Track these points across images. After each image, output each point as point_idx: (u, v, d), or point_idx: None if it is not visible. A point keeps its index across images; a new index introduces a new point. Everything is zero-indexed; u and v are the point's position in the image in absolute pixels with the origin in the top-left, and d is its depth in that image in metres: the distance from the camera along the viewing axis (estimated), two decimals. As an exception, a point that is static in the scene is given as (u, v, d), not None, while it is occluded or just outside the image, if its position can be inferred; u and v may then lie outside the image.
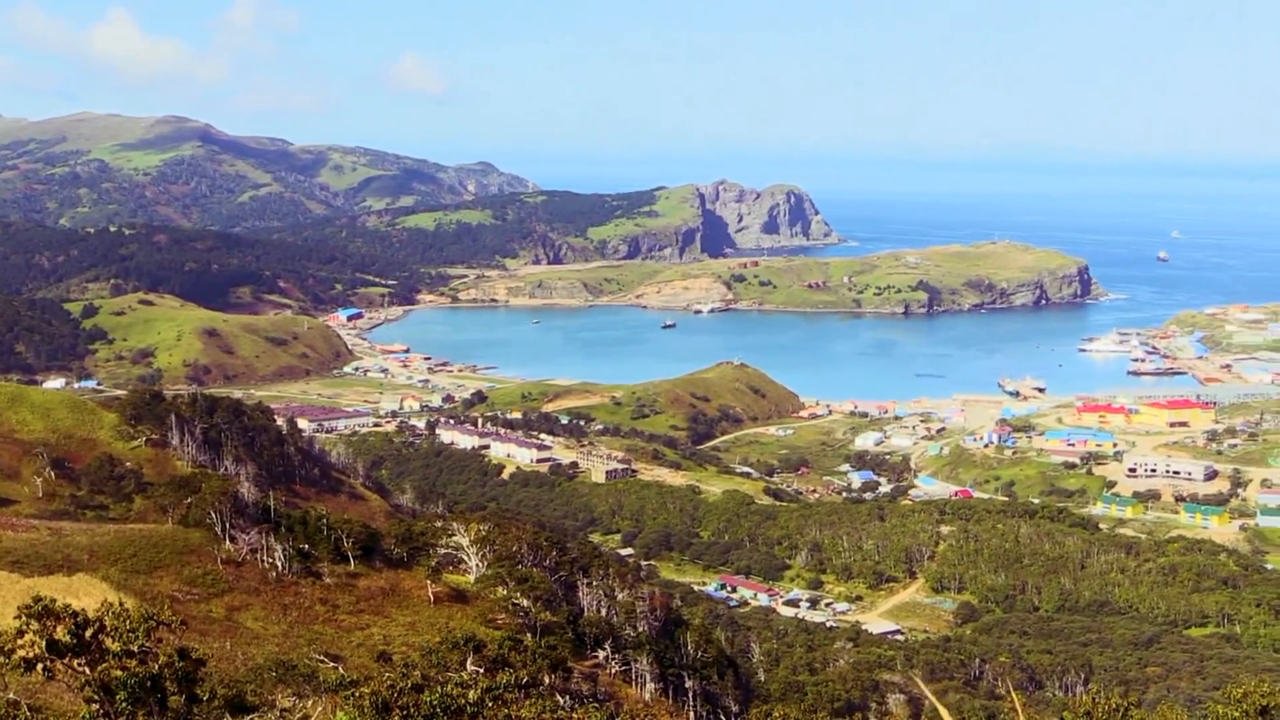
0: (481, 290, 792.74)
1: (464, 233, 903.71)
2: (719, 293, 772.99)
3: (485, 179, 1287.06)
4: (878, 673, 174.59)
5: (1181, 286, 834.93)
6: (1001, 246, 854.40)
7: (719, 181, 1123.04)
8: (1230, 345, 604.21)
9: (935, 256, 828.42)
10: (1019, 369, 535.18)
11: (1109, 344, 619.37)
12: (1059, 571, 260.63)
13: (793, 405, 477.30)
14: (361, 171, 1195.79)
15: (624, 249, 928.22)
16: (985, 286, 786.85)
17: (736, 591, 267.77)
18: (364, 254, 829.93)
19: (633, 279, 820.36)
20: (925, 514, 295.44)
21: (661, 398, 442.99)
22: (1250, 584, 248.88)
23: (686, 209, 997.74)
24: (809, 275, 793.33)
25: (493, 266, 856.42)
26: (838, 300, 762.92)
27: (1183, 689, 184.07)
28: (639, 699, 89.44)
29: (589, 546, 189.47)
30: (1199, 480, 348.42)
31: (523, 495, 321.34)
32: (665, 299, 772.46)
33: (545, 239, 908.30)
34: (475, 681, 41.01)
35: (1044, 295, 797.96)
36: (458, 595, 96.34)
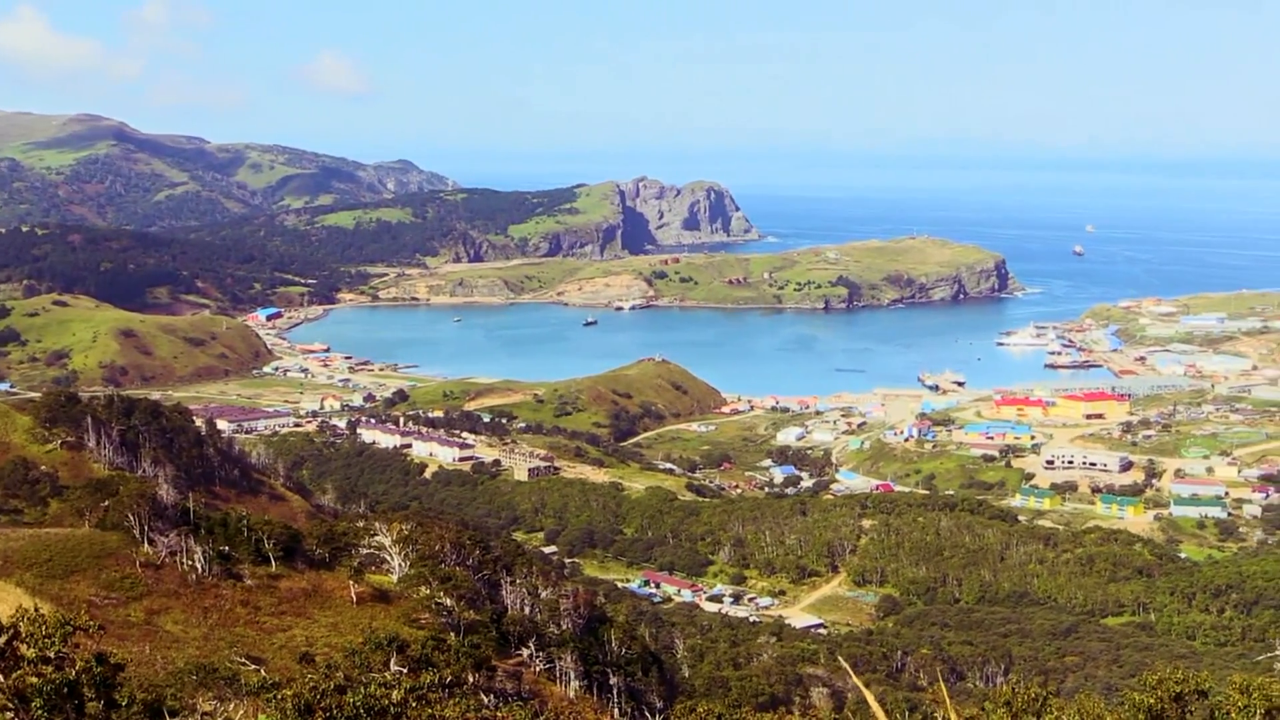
0: (402, 289, 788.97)
1: (384, 231, 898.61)
2: (640, 290, 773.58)
3: (405, 177, 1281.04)
4: (801, 667, 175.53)
5: (1096, 280, 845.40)
6: (920, 241, 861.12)
7: (639, 178, 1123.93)
8: (1144, 338, 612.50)
9: (855, 252, 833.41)
10: (938, 363, 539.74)
11: (1026, 338, 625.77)
12: (979, 563, 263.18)
13: (714, 401, 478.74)
14: (280, 170, 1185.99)
15: (545, 246, 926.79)
16: (904, 281, 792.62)
17: (660, 588, 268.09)
18: (283, 253, 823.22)
19: (554, 276, 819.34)
20: (847, 508, 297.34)
21: (584, 395, 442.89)
22: (1164, 573, 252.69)
23: (607, 206, 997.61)
24: (730, 271, 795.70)
25: (413, 265, 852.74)
26: (759, 296, 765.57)
27: (1100, 677, 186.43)
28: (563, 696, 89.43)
29: (512, 545, 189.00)
30: (1115, 471, 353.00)
31: (445, 494, 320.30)
32: (587, 296, 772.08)
33: (466, 237, 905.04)
34: (398, 682, 40.84)
35: (962, 290, 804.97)
36: (380, 595, 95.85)
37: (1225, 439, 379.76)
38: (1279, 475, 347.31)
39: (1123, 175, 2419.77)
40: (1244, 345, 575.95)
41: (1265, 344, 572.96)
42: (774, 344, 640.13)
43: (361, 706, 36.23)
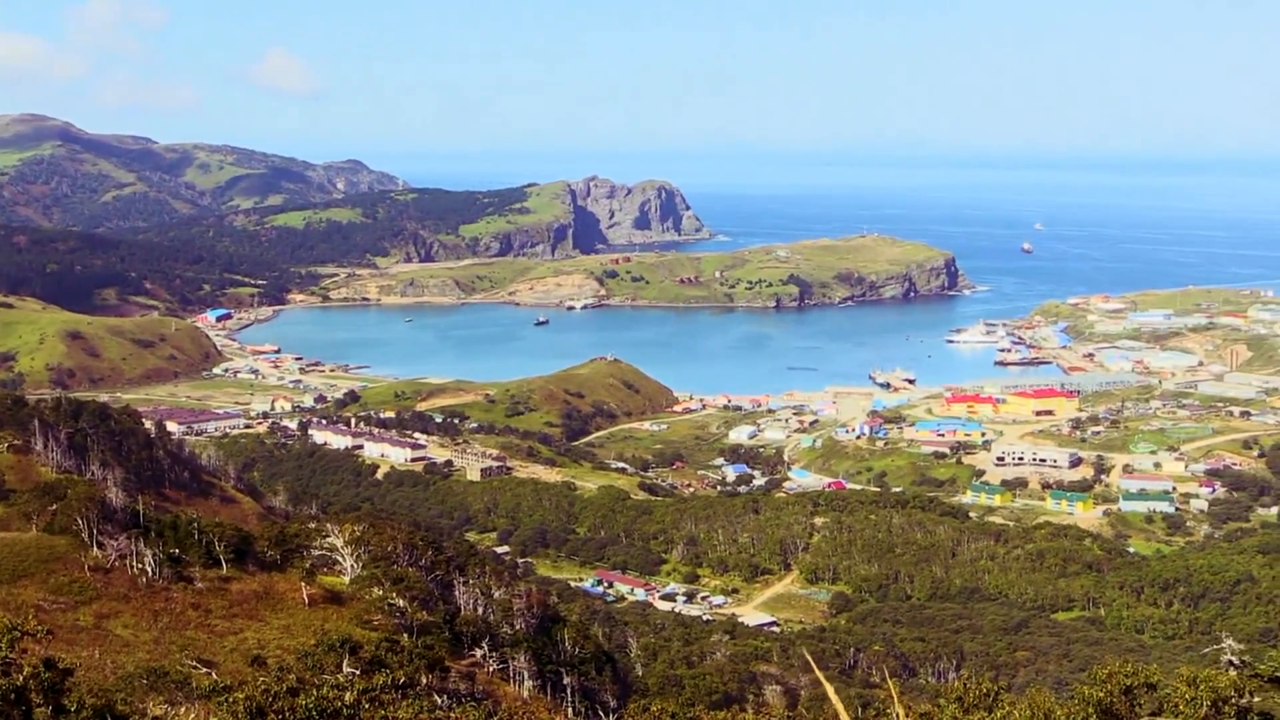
0: (353, 289, 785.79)
1: (334, 231, 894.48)
2: (591, 289, 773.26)
3: (355, 177, 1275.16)
4: (754, 665, 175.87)
5: (1045, 277, 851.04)
6: (870, 240, 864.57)
7: (590, 178, 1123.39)
8: (1093, 335, 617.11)
9: (805, 250, 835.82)
10: (889, 361, 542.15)
11: (976, 335, 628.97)
12: (930, 560, 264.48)
13: (666, 400, 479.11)
14: (229, 170, 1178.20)
15: (496, 246, 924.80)
16: (855, 279, 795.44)
17: (613, 587, 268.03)
18: (232, 254, 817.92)
19: (505, 276, 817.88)
20: (799, 506, 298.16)
21: (536, 395, 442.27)
22: (1114, 568, 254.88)
23: (558, 205, 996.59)
24: (681, 270, 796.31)
25: (364, 265, 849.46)
26: (710, 295, 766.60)
27: (1051, 672, 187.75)
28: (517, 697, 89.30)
29: (465, 545, 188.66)
30: (1064, 467, 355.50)
31: (397, 495, 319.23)
32: (538, 296, 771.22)
33: (416, 237, 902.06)
34: (351, 683, 40.73)
35: (912, 287, 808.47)
36: (333, 597, 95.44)
37: (1172, 434, 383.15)
38: (1225, 470, 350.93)
39: (1071, 173, 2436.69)
40: (1190, 341, 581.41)
41: (1211, 340, 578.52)
42: (725, 343, 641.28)
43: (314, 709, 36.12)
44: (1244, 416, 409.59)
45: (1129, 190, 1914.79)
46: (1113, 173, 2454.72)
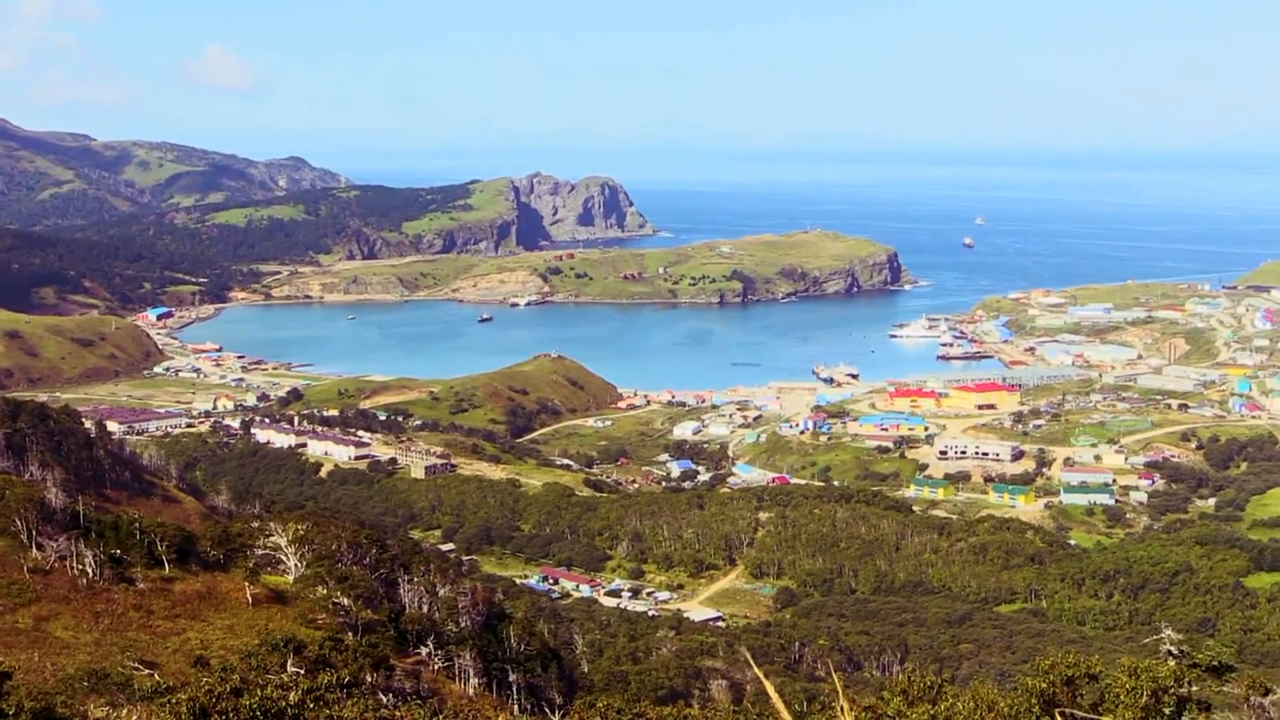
0: (295, 287, 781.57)
1: (276, 229, 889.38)
2: (535, 285, 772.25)
3: (297, 174, 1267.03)
4: (700, 660, 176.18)
5: (986, 272, 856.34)
6: (813, 235, 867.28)
7: (533, 174, 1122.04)
8: (1033, 329, 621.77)
9: (749, 246, 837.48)
10: (833, 356, 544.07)
11: (919, 329, 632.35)
12: (875, 554, 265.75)
13: (611, 396, 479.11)
14: (169, 167, 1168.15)
15: (439, 243, 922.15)
16: (798, 275, 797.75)
17: (559, 583, 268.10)
18: (173, 251, 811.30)
19: (448, 273, 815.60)
20: (744, 501, 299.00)
21: (480, 392, 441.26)
22: (1055, 560, 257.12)
23: (501, 202, 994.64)
24: (625, 266, 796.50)
25: (306, 263, 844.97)
26: (654, 291, 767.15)
27: (994, 664, 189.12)
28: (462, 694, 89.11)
29: (409, 543, 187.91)
30: (1006, 461, 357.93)
31: (341, 493, 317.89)
32: (482, 293, 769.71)
33: (359, 234, 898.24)
34: (296, 683, 40.55)
35: (855, 283, 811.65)
36: (277, 596, 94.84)
37: (1112, 427, 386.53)
38: (1164, 462, 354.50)
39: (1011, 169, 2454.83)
40: (1130, 335, 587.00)
41: (1150, 333, 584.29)
42: (669, 339, 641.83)
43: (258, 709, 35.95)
44: (1182, 409, 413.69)
45: (1069, 185, 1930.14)
46: (1053, 168, 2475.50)
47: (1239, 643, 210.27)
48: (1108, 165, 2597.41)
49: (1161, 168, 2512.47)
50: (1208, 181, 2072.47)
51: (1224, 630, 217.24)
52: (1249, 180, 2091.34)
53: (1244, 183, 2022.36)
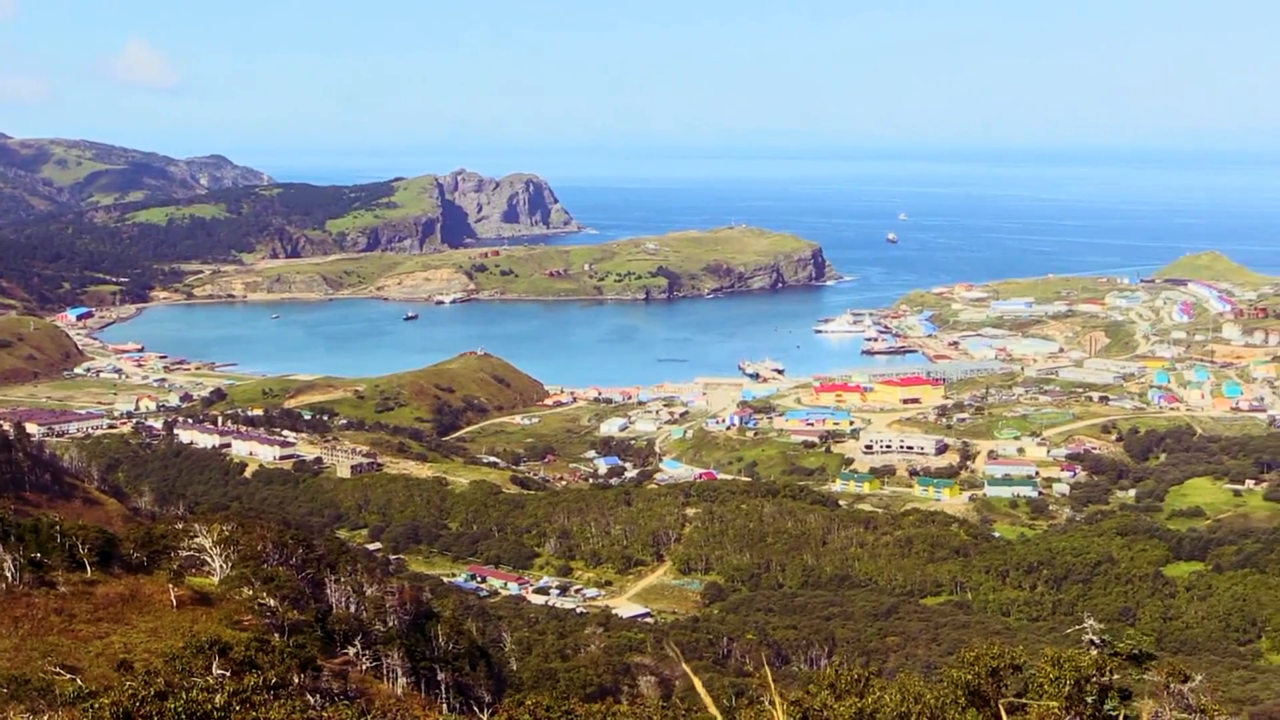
0: (218, 286, 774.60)
1: (198, 227, 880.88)
2: (460, 283, 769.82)
3: (219, 172, 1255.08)
4: (629, 656, 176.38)
5: (910, 267, 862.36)
6: (738, 231, 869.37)
7: (457, 171, 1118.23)
8: (957, 323, 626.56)
9: (674, 242, 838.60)
10: (758, 351, 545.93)
11: (843, 324, 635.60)
12: (802, 548, 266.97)
13: (537, 394, 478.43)
14: (88, 166, 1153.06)
15: (363, 241, 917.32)
16: (724, 271, 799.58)
17: (486, 582, 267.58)
18: (93, 251, 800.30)
19: (373, 271, 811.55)
20: (671, 497, 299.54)
21: (406, 390, 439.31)
22: (979, 552, 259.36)
23: (425, 200, 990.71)
24: (550, 263, 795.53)
25: (229, 261, 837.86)
26: (579, 288, 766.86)
27: (920, 656, 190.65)
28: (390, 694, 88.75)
29: (336, 542, 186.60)
30: (931, 454, 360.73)
31: (267, 493, 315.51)
32: (407, 291, 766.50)
33: (283, 232, 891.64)
34: (222, 685, 40.24)
35: (780, 278, 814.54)
36: (202, 598, 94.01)
37: (1035, 420, 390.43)
38: (1085, 454, 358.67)
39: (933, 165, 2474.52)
40: (1051, 329, 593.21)
41: (1071, 327, 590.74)
42: (596, 335, 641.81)
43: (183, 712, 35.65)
44: (1103, 401, 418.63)
45: (991, 181, 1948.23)
46: (976, 163, 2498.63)
47: (1159, 631, 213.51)
48: (1029, 161, 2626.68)
49: (1082, 163, 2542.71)
50: (1127, 177, 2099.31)
51: (1144, 619, 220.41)
52: (1168, 176, 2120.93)
53: (1163, 178, 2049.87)
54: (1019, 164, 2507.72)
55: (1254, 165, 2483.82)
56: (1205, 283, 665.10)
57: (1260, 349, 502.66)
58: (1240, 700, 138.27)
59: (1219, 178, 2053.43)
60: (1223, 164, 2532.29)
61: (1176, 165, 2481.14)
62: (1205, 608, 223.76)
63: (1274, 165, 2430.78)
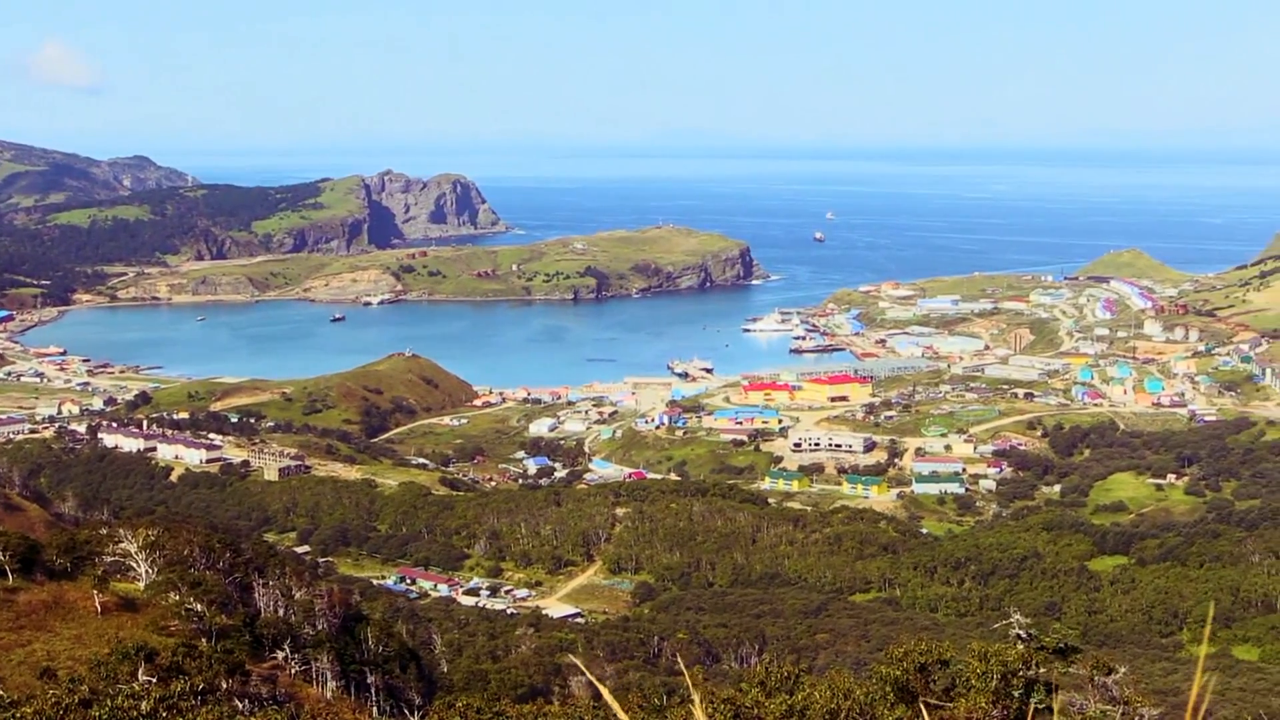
0: (142, 288, 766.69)
1: (121, 229, 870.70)
2: (388, 284, 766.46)
3: (142, 173, 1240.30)
4: (559, 657, 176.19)
5: (837, 266, 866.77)
6: (666, 231, 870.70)
7: (384, 172, 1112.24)
8: (884, 321, 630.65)
9: (602, 242, 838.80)
10: (687, 351, 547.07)
11: (771, 323, 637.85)
12: (731, 547, 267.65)
13: (466, 395, 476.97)
14: (6, 167, 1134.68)
15: (290, 242, 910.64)
16: (652, 270, 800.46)
17: (416, 583, 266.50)
18: (13, 253, 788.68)
19: (300, 273, 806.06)
20: (600, 497, 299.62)
21: (333, 392, 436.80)
22: (908, 549, 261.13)
23: (352, 200, 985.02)
24: (478, 264, 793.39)
25: (153, 263, 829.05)
26: (508, 288, 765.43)
27: (850, 652, 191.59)
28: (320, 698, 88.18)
29: (264, 546, 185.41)
30: (859, 452, 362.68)
31: (193, 497, 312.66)
32: (334, 292, 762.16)
33: (208, 234, 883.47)
34: (148, 692, 39.87)
35: (708, 278, 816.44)
36: (127, 604, 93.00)
37: (961, 417, 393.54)
38: (1011, 450, 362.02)
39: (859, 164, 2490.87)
40: (977, 326, 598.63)
41: (996, 324, 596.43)
42: (524, 336, 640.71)
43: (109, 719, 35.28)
44: (1028, 398, 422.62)
45: (916, 180, 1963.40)
46: (900, 163, 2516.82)
47: (1083, 624, 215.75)
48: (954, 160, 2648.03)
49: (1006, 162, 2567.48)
50: (1050, 175, 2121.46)
51: (1069, 613, 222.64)
52: (1090, 174, 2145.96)
53: (1085, 177, 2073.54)
54: (944, 163, 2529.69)
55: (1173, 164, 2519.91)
56: (1127, 280, 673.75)
57: (1180, 345, 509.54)
58: (1162, 691, 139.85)
59: (1139, 176, 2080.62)
60: (1143, 163, 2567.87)
61: (1098, 164, 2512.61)
62: (1128, 601, 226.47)
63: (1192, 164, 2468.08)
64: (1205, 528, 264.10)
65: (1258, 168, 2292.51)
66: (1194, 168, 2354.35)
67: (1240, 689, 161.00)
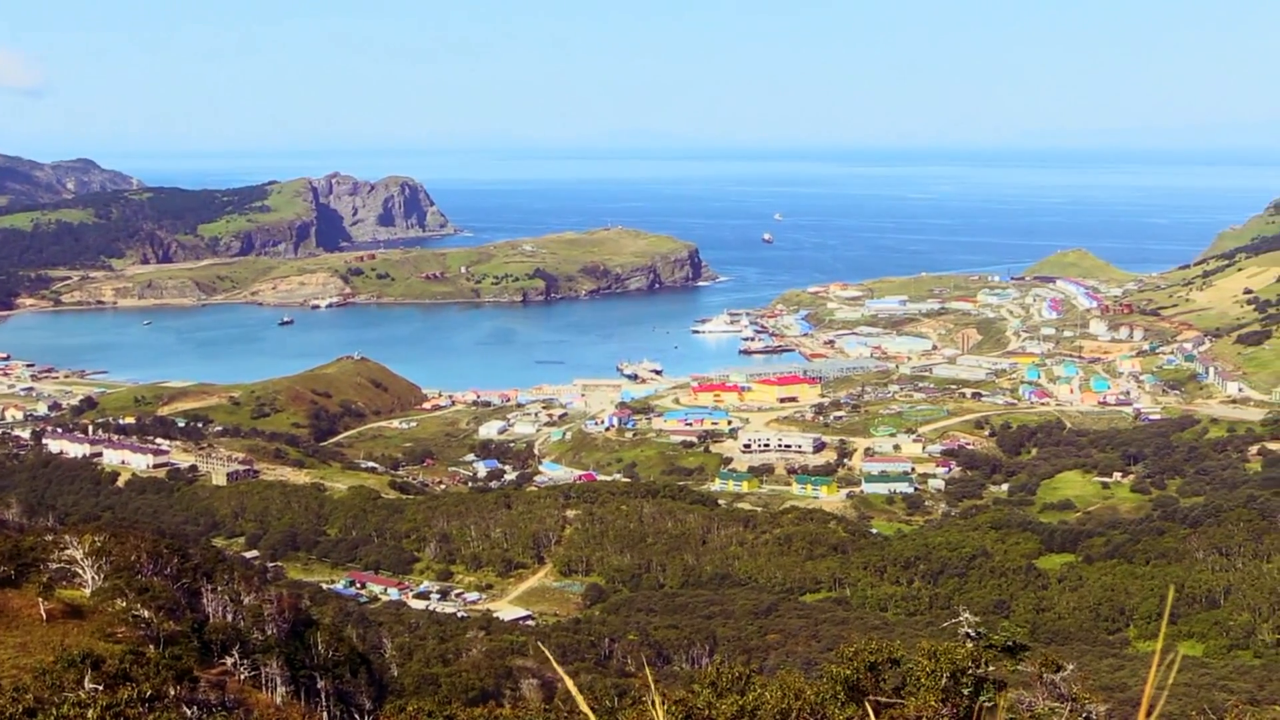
0: (87, 292, 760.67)
1: (65, 233, 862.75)
2: (336, 287, 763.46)
3: (86, 176, 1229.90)
4: (510, 659, 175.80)
5: (786, 267, 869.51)
6: (615, 232, 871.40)
7: (332, 174, 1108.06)
8: (832, 322, 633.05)
9: (551, 244, 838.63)
10: (636, 352, 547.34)
11: (720, 324, 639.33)
12: (682, 548, 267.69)
13: (415, 398, 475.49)
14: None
15: (237, 245, 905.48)
16: (601, 272, 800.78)
17: (366, 588, 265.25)
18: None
19: (247, 276, 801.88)
20: (551, 499, 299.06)
21: (282, 396, 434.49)
22: (857, 549, 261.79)
23: (300, 203, 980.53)
24: (426, 266, 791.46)
25: (98, 267, 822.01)
26: (456, 291, 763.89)
27: (800, 653, 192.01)
28: (270, 703, 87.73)
29: (212, 551, 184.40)
30: (809, 452, 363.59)
31: (140, 502, 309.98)
32: (282, 295, 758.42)
33: (154, 237, 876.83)
34: (94, 700, 39.57)
35: (657, 279, 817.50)
36: (73, 611, 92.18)
37: (910, 417, 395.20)
38: (959, 450, 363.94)
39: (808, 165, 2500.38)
40: (924, 326, 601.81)
41: (944, 324, 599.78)
42: (473, 338, 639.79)
43: (55, 727, 34.98)
44: (976, 398, 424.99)
45: (864, 181, 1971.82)
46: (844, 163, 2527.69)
47: (1032, 622, 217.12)
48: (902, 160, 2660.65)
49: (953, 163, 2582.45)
50: (996, 176, 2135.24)
51: (1018, 611, 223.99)
52: (1036, 175, 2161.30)
53: (1031, 177, 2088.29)
54: (892, 164, 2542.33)
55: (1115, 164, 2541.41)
56: (1073, 280, 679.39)
57: (1125, 344, 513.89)
58: (1109, 687, 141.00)
59: (1083, 177, 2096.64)
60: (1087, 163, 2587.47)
61: (1044, 164, 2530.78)
62: (1076, 598, 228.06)
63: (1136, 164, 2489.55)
64: (1150, 525, 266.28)
65: (1200, 168, 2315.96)
66: (1137, 168, 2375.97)
67: (1185, 684, 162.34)
